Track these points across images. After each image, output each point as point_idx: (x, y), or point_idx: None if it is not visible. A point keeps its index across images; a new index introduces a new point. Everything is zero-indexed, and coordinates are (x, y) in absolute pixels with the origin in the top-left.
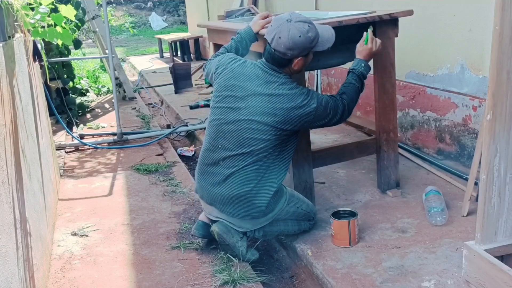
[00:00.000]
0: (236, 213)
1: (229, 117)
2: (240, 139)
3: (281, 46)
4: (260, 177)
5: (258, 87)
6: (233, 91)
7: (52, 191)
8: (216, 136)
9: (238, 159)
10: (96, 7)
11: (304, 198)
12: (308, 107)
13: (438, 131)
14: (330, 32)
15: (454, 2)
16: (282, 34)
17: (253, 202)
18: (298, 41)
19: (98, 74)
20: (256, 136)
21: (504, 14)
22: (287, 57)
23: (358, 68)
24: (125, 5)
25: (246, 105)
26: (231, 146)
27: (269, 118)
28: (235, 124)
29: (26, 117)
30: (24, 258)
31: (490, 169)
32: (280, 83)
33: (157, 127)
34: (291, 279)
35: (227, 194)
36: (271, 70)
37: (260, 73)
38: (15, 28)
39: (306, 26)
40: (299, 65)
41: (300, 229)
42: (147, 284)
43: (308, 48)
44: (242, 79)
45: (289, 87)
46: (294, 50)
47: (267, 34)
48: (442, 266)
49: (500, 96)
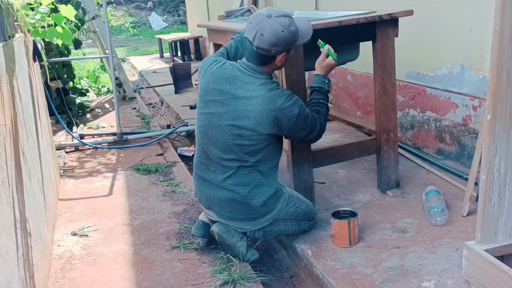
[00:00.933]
0: (234, 216)
1: (213, 123)
2: (226, 145)
3: (264, 43)
4: (255, 181)
5: (237, 90)
6: (214, 96)
7: (52, 191)
8: (204, 143)
9: (228, 165)
10: (96, 7)
11: (304, 198)
12: (289, 112)
13: (438, 131)
14: (307, 24)
15: (454, 2)
16: (264, 30)
17: (250, 205)
18: (282, 36)
19: (98, 74)
20: (240, 142)
21: (504, 14)
22: (271, 54)
23: (323, 86)
24: (125, 5)
25: (226, 109)
26: (219, 152)
27: (249, 122)
28: (218, 130)
29: (26, 117)
30: (24, 258)
31: (490, 169)
32: (259, 84)
33: (157, 127)
34: (291, 279)
35: (224, 198)
36: (250, 71)
37: (238, 75)
38: (15, 28)
39: (287, 20)
40: (282, 61)
41: (300, 229)
42: (147, 284)
43: (291, 42)
44: (221, 82)
45: (268, 87)
46: (278, 46)
47: (247, 33)
48: (442, 266)
49: (500, 96)
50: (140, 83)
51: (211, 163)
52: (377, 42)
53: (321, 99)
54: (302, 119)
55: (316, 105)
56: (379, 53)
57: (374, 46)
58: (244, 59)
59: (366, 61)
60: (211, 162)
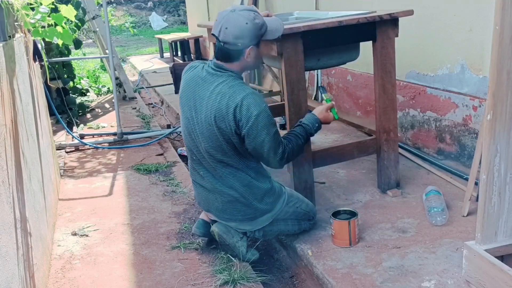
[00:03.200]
0: (233, 218)
1: (189, 129)
2: (204, 150)
3: (229, 37)
4: (246, 180)
5: (202, 91)
6: (186, 101)
7: (52, 191)
8: (188, 149)
9: (214, 169)
10: (96, 7)
11: (304, 198)
12: (247, 111)
13: (438, 131)
14: (278, 22)
15: (454, 2)
16: (228, 24)
17: (247, 203)
18: (246, 28)
19: (98, 74)
20: (213, 143)
21: (504, 14)
22: (238, 47)
23: (311, 127)
24: (125, 5)
25: (196, 113)
26: (202, 157)
27: (217, 122)
28: (195, 134)
29: (26, 117)
30: (25, 258)
31: (490, 169)
32: (221, 81)
33: (157, 127)
34: (291, 279)
35: (220, 201)
36: (216, 69)
37: (204, 76)
38: (15, 28)
39: (252, 14)
40: (252, 56)
41: (300, 228)
42: (147, 284)
43: (258, 35)
44: (190, 86)
45: (230, 84)
46: (244, 39)
47: (213, 30)
48: (442, 266)
49: (500, 96)
50: (140, 83)
51: (200, 167)
52: (377, 42)
53: (301, 135)
54: (261, 124)
55: (292, 135)
56: (379, 53)
57: (374, 46)
58: (214, 59)
59: (366, 61)
60: (200, 167)
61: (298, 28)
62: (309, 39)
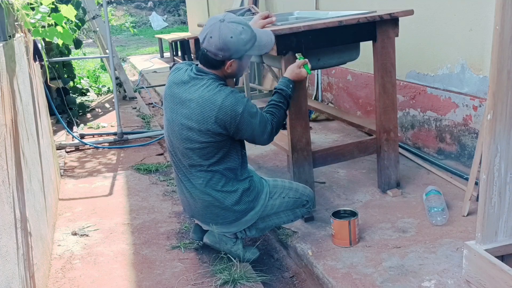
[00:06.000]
0: (215, 221)
1: (169, 130)
2: (181, 151)
3: (212, 46)
4: (221, 182)
5: (182, 94)
6: (168, 102)
7: (52, 191)
8: (169, 153)
9: (190, 174)
10: (97, 6)
11: (292, 184)
12: (231, 111)
13: (438, 131)
14: (269, 37)
15: (454, 2)
16: (213, 33)
17: (224, 207)
18: (229, 42)
19: (98, 74)
20: (190, 146)
21: (504, 14)
22: (218, 58)
23: (286, 90)
24: (126, 4)
25: (175, 115)
26: (179, 159)
27: (194, 124)
28: (173, 136)
29: (26, 117)
30: (25, 257)
31: (490, 169)
32: (201, 85)
33: (158, 126)
34: (291, 279)
35: (200, 206)
36: (197, 73)
37: (186, 79)
38: (15, 27)
39: (240, 28)
40: (232, 68)
41: (297, 216)
42: (148, 283)
43: (242, 50)
44: (172, 88)
45: (209, 88)
46: (226, 52)
47: (200, 34)
48: (443, 266)
49: (500, 95)
50: (140, 83)
51: (179, 172)
52: (377, 42)
53: (280, 102)
54: (247, 118)
55: (272, 106)
56: (379, 53)
57: (374, 46)
58: (198, 62)
59: (366, 61)
60: (179, 171)
61: (298, 28)
62: (309, 39)
